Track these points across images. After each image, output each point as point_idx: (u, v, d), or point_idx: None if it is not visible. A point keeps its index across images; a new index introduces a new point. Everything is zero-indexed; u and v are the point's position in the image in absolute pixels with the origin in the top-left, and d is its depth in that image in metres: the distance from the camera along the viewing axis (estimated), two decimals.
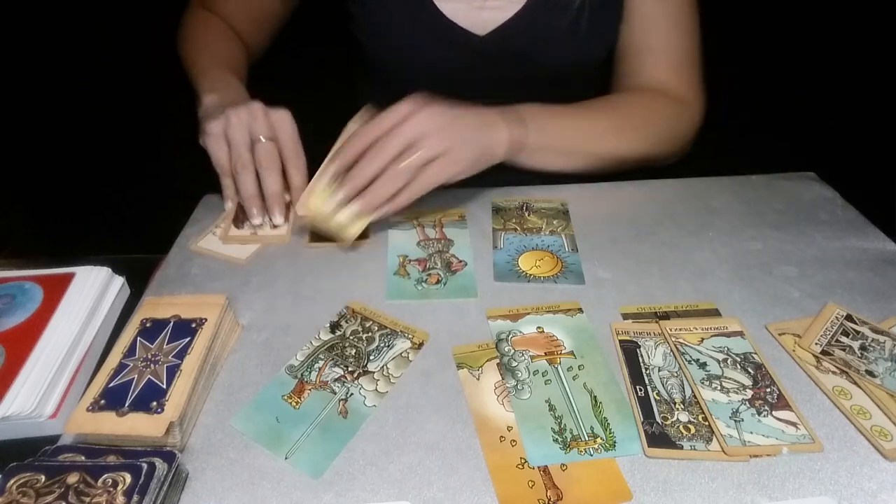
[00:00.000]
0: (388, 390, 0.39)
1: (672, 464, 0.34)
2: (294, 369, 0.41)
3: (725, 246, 0.51)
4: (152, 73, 1.04)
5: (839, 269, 0.48)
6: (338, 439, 0.36)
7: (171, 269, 0.50)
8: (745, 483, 0.33)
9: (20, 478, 0.30)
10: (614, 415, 0.37)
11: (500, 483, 0.33)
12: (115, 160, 1.14)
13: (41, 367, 0.40)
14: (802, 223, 0.53)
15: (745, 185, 0.59)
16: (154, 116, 1.07)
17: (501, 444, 0.35)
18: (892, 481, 0.33)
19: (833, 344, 0.41)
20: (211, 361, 0.40)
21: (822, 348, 0.40)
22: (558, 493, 0.33)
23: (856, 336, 0.41)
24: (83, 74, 1.05)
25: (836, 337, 0.41)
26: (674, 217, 0.55)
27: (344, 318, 0.45)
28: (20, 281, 0.47)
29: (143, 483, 0.30)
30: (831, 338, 0.41)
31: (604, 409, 0.37)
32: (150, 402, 0.35)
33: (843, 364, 0.39)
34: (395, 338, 0.43)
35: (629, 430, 0.36)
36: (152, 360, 0.38)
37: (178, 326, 0.40)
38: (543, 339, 0.42)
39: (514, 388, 0.39)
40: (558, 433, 0.36)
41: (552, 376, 0.40)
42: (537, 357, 0.41)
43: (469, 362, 0.41)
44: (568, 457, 0.35)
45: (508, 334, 0.43)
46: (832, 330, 0.42)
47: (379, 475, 0.34)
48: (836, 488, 0.33)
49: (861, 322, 0.42)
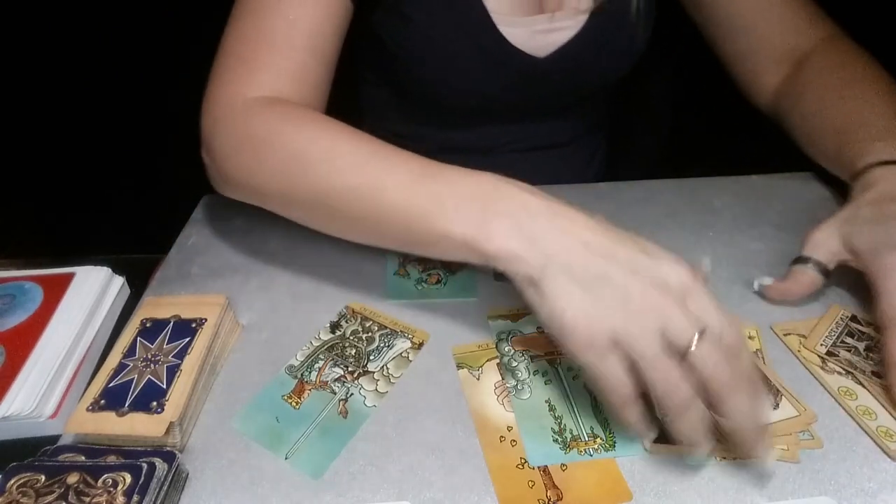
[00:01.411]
0: (388, 390, 0.39)
1: (672, 464, 0.34)
2: (294, 369, 0.41)
3: (725, 246, 0.51)
4: (153, 73, 1.04)
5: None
6: (338, 439, 0.36)
7: (171, 269, 0.50)
8: (745, 483, 0.33)
9: (20, 478, 0.30)
10: (614, 415, 0.37)
11: (500, 483, 0.33)
12: (116, 160, 1.14)
13: (41, 367, 0.40)
14: (802, 223, 0.53)
15: (745, 185, 0.59)
16: (154, 117, 1.07)
17: (501, 445, 0.35)
18: (892, 481, 0.33)
19: (838, 345, 0.41)
20: (211, 361, 0.40)
21: (827, 349, 0.40)
22: (558, 493, 0.33)
23: (861, 337, 0.41)
24: (84, 74, 1.05)
25: (841, 338, 0.41)
26: (674, 217, 0.55)
27: (344, 318, 0.45)
28: (20, 281, 0.47)
29: (143, 483, 0.30)
30: (836, 339, 0.41)
31: (604, 410, 0.37)
32: (150, 402, 0.35)
33: (849, 365, 0.39)
34: (395, 338, 0.43)
35: (629, 430, 0.36)
36: (152, 360, 0.38)
37: (178, 326, 0.40)
38: (544, 339, 0.42)
39: (514, 388, 0.39)
40: (558, 433, 0.36)
41: (552, 376, 0.40)
42: (537, 357, 0.41)
43: (469, 362, 0.41)
44: (568, 457, 0.35)
45: (508, 334, 0.43)
46: (837, 331, 0.42)
47: (379, 475, 0.34)
48: (835, 488, 0.33)
49: (866, 323, 0.42)
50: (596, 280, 0.32)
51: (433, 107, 0.61)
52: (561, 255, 0.33)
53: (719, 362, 0.30)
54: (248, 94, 0.44)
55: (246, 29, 0.46)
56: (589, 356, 0.32)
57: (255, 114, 0.43)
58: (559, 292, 0.32)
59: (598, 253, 0.33)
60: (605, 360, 0.32)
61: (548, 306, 0.33)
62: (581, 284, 0.32)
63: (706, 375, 0.30)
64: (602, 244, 0.33)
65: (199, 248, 0.53)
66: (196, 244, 0.53)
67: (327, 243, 0.52)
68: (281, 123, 0.42)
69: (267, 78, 0.45)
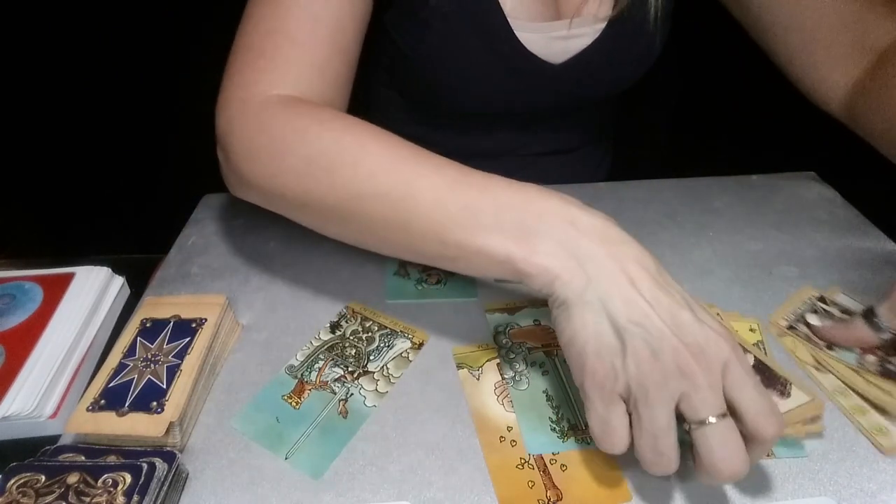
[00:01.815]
0: (388, 390, 0.39)
1: None
2: (294, 369, 0.41)
3: (725, 246, 0.51)
4: (153, 73, 1.04)
5: (839, 269, 0.48)
6: (338, 439, 0.36)
7: (171, 269, 0.50)
8: (745, 483, 0.33)
9: (20, 478, 0.30)
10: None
11: (500, 483, 0.33)
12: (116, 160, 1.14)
13: (41, 367, 0.40)
14: (802, 223, 0.53)
15: (745, 185, 0.59)
16: (155, 117, 1.07)
17: (501, 444, 0.35)
18: (892, 481, 0.33)
19: (800, 320, 0.42)
20: (211, 361, 0.40)
21: (789, 324, 0.42)
22: (558, 493, 0.33)
23: (824, 315, 0.42)
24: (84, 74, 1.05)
25: (804, 314, 0.43)
26: (674, 217, 0.55)
27: (344, 318, 0.45)
28: (20, 281, 0.47)
29: (143, 483, 0.30)
30: (800, 315, 0.43)
31: None
32: (150, 402, 0.35)
33: (806, 338, 0.41)
34: (395, 338, 0.43)
35: None
36: (152, 360, 0.38)
37: (178, 326, 0.40)
38: (541, 331, 0.43)
39: (511, 380, 0.39)
40: (556, 422, 0.36)
41: (549, 367, 0.40)
42: (535, 349, 0.41)
43: (469, 362, 0.41)
44: (566, 445, 0.35)
45: (506, 327, 0.43)
46: (801, 308, 0.43)
47: (379, 475, 0.34)
48: (835, 488, 0.33)
49: (832, 304, 0.43)
50: (630, 325, 0.29)
51: (444, 110, 0.61)
52: (603, 284, 0.30)
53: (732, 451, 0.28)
54: (268, 91, 0.41)
55: (266, 23, 0.43)
56: (595, 395, 0.30)
57: (275, 112, 0.40)
58: (589, 323, 0.30)
59: (642, 294, 0.30)
60: (609, 408, 0.30)
61: (572, 332, 0.31)
62: (614, 324, 0.30)
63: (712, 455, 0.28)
64: (650, 287, 0.30)
65: (199, 248, 0.53)
66: (196, 244, 0.53)
67: (328, 243, 0.52)
68: (303, 122, 0.39)
69: (289, 74, 0.42)
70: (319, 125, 0.39)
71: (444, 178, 0.35)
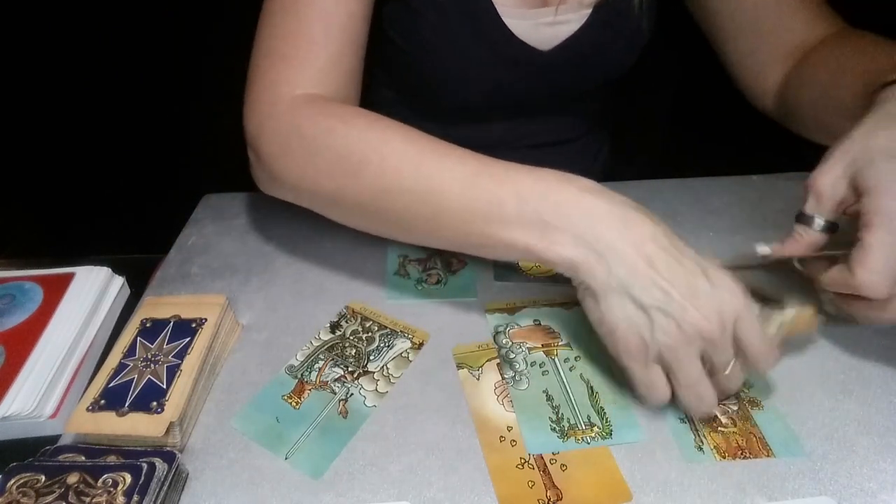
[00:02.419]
0: (388, 390, 0.39)
1: (672, 464, 0.34)
2: (294, 369, 0.41)
3: (725, 246, 0.51)
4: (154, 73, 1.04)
5: None
6: (338, 439, 0.36)
7: (171, 269, 0.50)
8: (745, 483, 0.33)
9: (20, 478, 0.30)
10: (611, 404, 0.37)
11: (500, 483, 0.33)
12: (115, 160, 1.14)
13: (41, 367, 0.40)
14: None
15: (746, 185, 0.59)
16: (155, 117, 1.07)
17: (501, 444, 0.35)
18: (892, 481, 0.33)
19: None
20: (211, 361, 0.40)
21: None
22: (558, 493, 0.33)
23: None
24: (84, 74, 1.05)
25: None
26: (674, 217, 0.55)
27: (344, 318, 0.45)
28: (20, 281, 0.47)
29: (143, 483, 0.30)
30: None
31: (600, 399, 0.38)
32: (150, 402, 0.35)
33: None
34: (395, 338, 0.43)
35: (626, 418, 0.36)
36: (152, 360, 0.38)
37: (178, 326, 0.40)
38: (541, 331, 0.43)
39: (511, 380, 0.39)
40: (556, 422, 0.36)
41: (549, 367, 0.40)
42: (535, 349, 0.41)
43: (469, 362, 0.41)
44: (566, 445, 0.35)
45: (506, 327, 0.43)
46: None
47: (379, 475, 0.34)
48: (835, 488, 0.33)
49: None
50: (654, 302, 0.33)
51: (441, 105, 0.61)
52: (623, 270, 0.34)
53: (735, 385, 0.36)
54: (292, 91, 0.43)
55: (283, 26, 0.45)
56: (633, 365, 0.35)
57: (303, 112, 0.42)
58: (616, 305, 0.34)
59: (660, 273, 0.33)
60: (649, 371, 0.35)
61: (600, 315, 0.35)
62: (638, 303, 0.33)
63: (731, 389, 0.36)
64: (666, 263, 0.34)
65: (199, 248, 0.53)
66: (196, 244, 0.53)
67: (328, 243, 0.52)
68: (330, 122, 0.41)
69: (310, 73, 0.44)
70: (345, 124, 0.41)
71: (466, 170, 0.38)
